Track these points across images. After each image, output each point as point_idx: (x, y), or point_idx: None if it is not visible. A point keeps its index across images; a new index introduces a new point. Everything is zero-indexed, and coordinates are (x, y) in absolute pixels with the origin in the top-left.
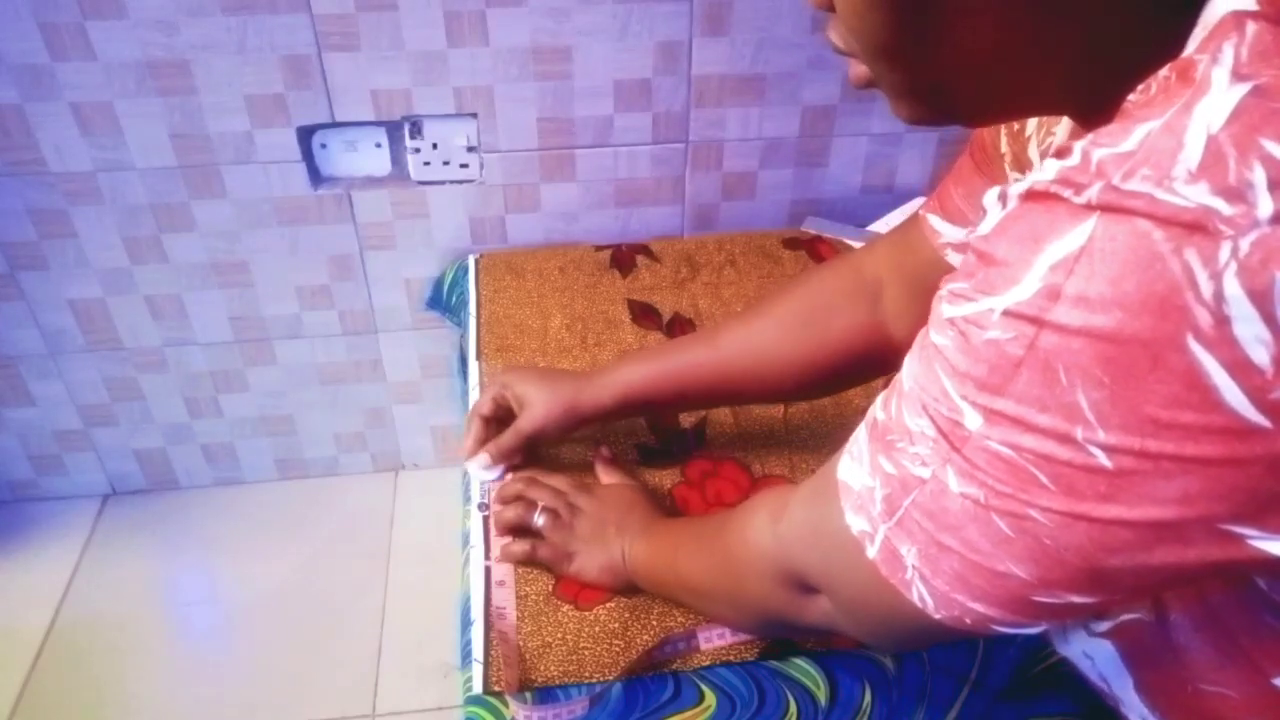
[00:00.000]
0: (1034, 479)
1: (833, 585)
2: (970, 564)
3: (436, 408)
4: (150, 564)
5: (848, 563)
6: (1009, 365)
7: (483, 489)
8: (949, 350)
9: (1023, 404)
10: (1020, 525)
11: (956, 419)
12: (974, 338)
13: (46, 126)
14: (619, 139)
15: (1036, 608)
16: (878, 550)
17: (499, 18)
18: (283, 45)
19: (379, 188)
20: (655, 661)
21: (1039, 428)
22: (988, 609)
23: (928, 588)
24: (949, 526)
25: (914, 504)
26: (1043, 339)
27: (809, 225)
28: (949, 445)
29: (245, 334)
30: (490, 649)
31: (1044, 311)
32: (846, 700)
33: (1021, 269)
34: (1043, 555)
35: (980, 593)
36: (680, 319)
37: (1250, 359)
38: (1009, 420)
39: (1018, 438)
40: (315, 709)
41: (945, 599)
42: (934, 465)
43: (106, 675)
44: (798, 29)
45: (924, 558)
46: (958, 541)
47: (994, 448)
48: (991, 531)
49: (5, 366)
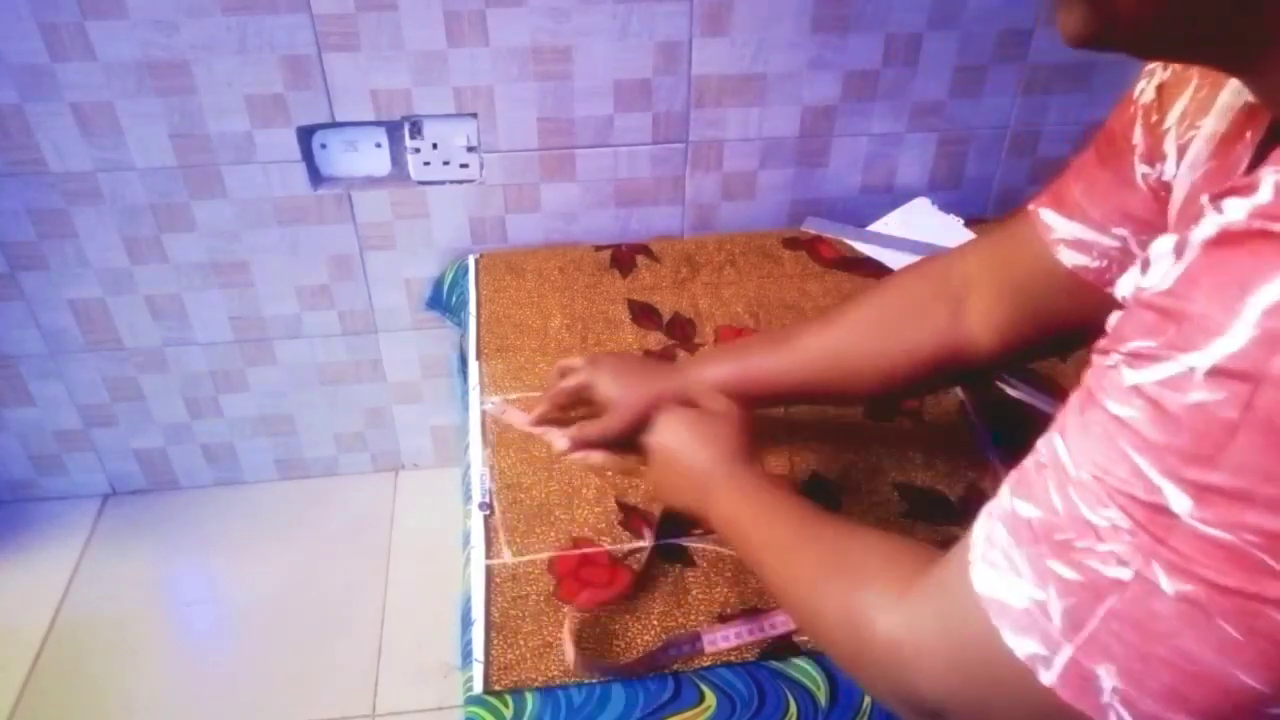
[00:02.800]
0: (1263, 565)
1: (987, 718)
2: (1189, 676)
3: (436, 408)
4: (150, 564)
5: (1013, 695)
6: (1222, 431)
7: (483, 489)
8: (1139, 422)
9: (1241, 475)
10: (1251, 625)
11: (1159, 502)
12: (1172, 404)
13: (46, 126)
14: (619, 139)
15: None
16: (1058, 674)
17: (499, 18)
18: (283, 45)
19: (379, 188)
20: (657, 664)
21: (1265, 501)
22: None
23: (1131, 711)
24: (1159, 635)
25: (1110, 613)
26: (1262, 396)
27: (809, 225)
28: (1151, 537)
29: (245, 334)
30: (490, 649)
31: (1262, 364)
32: (846, 700)
33: (1228, 318)
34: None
35: (1203, 710)
36: (680, 319)
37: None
38: (1227, 496)
39: (1239, 516)
40: (315, 709)
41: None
42: (1135, 563)
43: (106, 675)
44: (798, 29)
45: (1127, 676)
46: (1171, 652)
47: (1210, 533)
48: (1215, 636)
49: (5, 366)
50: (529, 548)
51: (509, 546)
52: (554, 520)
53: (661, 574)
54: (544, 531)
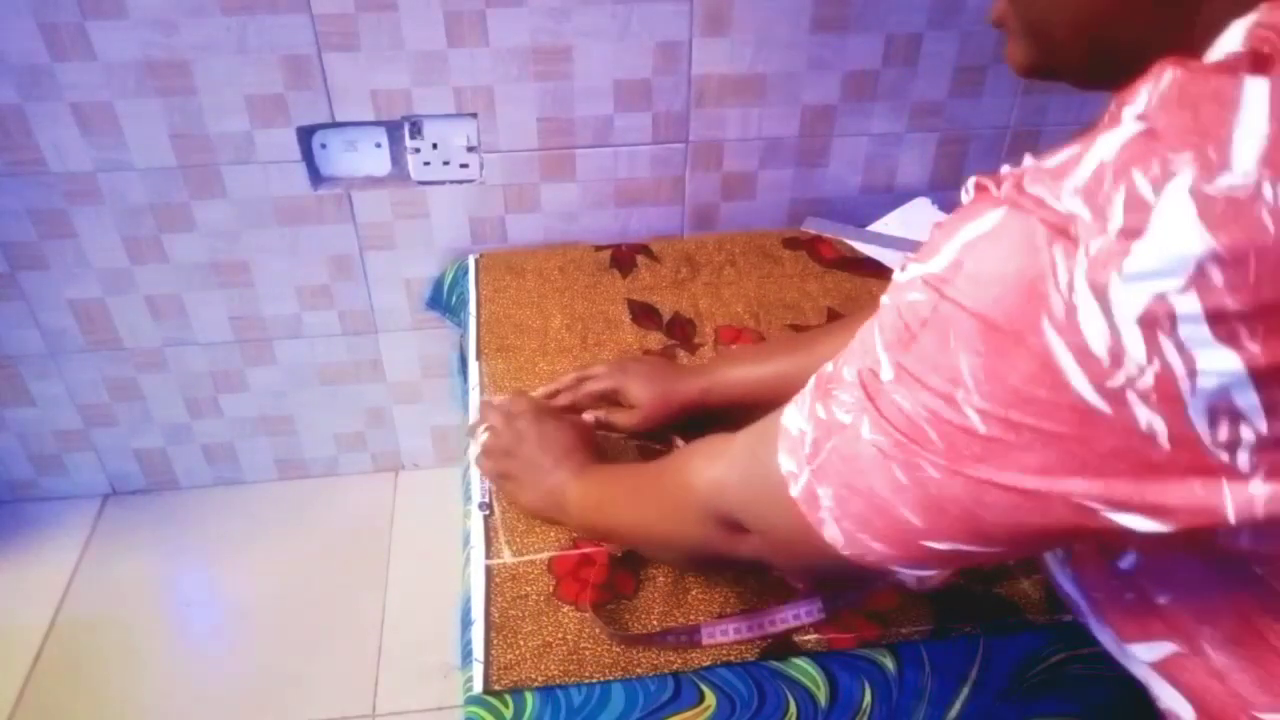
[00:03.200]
0: (924, 433)
1: (761, 523)
2: (873, 507)
3: (436, 408)
4: (150, 564)
5: (774, 500)
6: (917, 325)
7: (482, 489)
8: (885, 309)
9: (922, 363)
10: (913, 475)
11: (876, 370)
12: (899, 298)
13: (46, 126)
14: (619, 139)
15: (928, 553)
16: (801, 490)
17: (499, 18)
18: (283, 45)
19: (379, 188)
20: (655, 644)
21: (930, 387)
22: (886, 549)
23: (838, 527)
24: (859, 471)
25: (834, 448)
26: (942, 306)
27: (809, 225)
28: (866, 394)
29: (245, 334)
30: (490, 649)
31: (948, 281)
32: (846, 700)
33: (944, 243)
34: (930, 505)
35: (881, 535)
36: (680, 319)
37: (1090, 348)
38: (911, 376)
39: (916, 393)
40: (315, 709)
41: (852, 538)
42: (854, 413)
43: (106, 675)
44: (798, 29)
45: (837, 499)
46: (864, 486)
47: (898, 400)
48: (891, 479)
49: (5, 366)
50: (529, 548)
51: (509, 546)
52: (554, 524)
53: (662, 574)
54: (544, 531)
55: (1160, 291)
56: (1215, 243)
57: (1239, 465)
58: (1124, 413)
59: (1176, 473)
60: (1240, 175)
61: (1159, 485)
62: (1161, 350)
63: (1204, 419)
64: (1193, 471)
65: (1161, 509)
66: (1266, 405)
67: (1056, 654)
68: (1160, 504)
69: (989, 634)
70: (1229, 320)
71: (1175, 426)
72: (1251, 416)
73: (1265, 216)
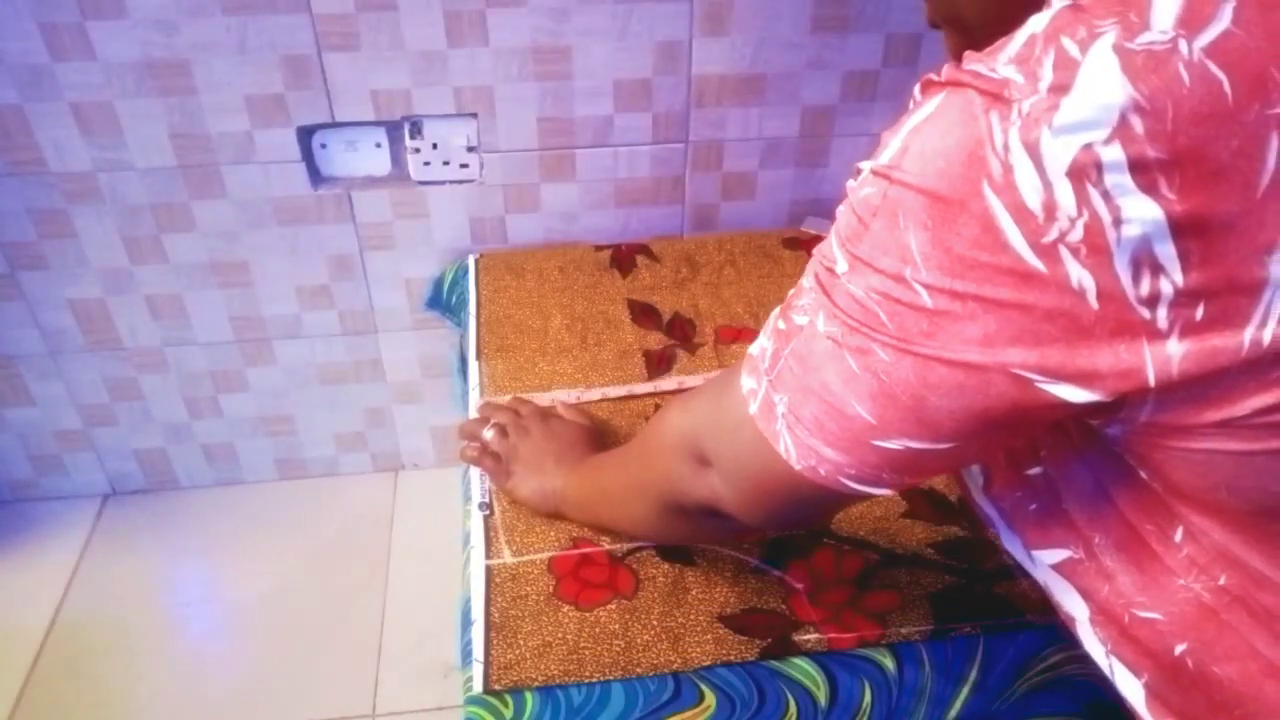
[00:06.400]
0: (876, 316)
1: (720, 449)
2: (826, 406)
3: (436, 408)
4: (150, 564)
5: (734, 421)
6: (869, 214)
7: (482, 489)
8: (841, 212)
9: (874, 248)
10: (865, 362)
11: (831, 267)
12: (853, 195)
13: (46, 126)
14: (619, 139)
15: (878, 456)
16: (758, 404)
17: (499, 18)
18: (283, 45)
19: (379, 188)
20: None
21: (881, 269)
22: (838, 455)
23: (792, 437)
24: (813, 368)
25: (791, 351)
26: (891, 190)
27: (809, 225)
28: (822, 290)
29: (245, 334)
30: (490, 649)
31: (893, 168)
32: (846, 700)
33: (892, 138)
34: (880, 392)
35: (833, 437)
36: (680, 319)
37: (1026, 204)
38: (863, 263)
39: (868, 278)
40: (315, 709)
41: (804, 447)
42: (811, 312)
43: (106, 675)
44: (798, 29)
45: (791, 404)
46: (818, 384)
47: (852, 289)
48: (843, 370)
49: (5, 366)
50: (529, 548)
51: (509, 546)
52: (553, 520)
53: (661, 574)
54: (543, 531)
55: (1087, 142)
56: (1136, 92)
57: (1159, 323)
58: (1057, 270)
59: (1104, 336)
60: (1158, 33)
61: (1089, 350)
62: (1090, 200)
63: (1128, 271)
64: (1118, 333)
65: (1092, 375)
66: (1182, 255)
67: (1056, 654)
68: (1090, 370)
69: (989, 634)
70: (1150, 169)
71: (1103, 280)
72: (1169, 268)
73: (1181, 69)
